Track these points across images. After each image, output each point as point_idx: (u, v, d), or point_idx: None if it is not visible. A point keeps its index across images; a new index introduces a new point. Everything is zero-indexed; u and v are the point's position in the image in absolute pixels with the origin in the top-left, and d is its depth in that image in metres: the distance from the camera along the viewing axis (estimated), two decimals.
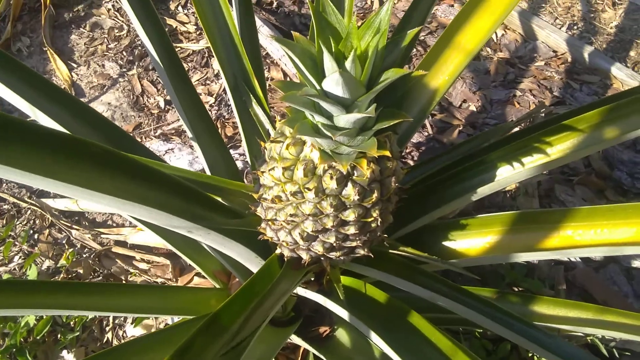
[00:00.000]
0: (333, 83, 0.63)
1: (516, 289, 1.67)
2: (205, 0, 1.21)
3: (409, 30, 1.27)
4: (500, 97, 2.29)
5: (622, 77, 2.30)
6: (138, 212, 0.83)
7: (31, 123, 0.66)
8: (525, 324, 0.92)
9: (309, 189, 0.82)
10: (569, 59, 2.46)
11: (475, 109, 2.25)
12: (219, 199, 1.10)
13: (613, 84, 2.33)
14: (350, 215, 0.85)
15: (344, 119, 0.70)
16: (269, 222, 0.97)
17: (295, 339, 1.30)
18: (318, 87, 0.68)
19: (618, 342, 1.46)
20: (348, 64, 0.64)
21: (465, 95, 2.29)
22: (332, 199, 0.83)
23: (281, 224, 0.94)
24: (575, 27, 2.65)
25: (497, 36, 2.60)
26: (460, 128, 2.18)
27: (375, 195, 0.84)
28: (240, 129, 1.25)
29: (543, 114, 2.08)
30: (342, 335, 1.30)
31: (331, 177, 0.80)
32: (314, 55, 0.69)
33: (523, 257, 1.05)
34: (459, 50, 1.16)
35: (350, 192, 0.82)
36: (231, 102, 1.24)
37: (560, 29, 2.60)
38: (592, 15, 2.70)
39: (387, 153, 0.75)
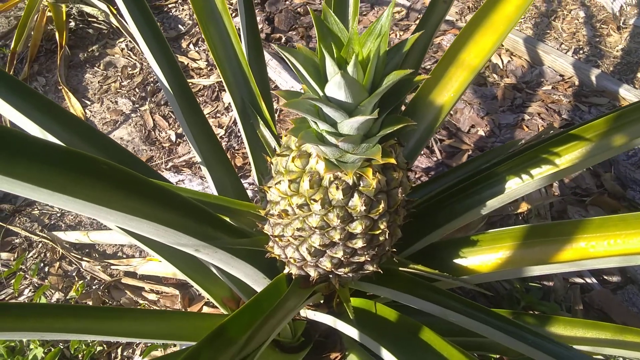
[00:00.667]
0: (335, 87, 0.64)
1: (533, 313, 1.62)
2: (214, 29, 1.24)
3: (417, 46, 1.30)
4: (509, 121, 2.29)
5: (631, 98, 2.29)
6: (145, 229, 0.83)
7: (46, 141, 0.68)
8: (540, 337, 0.89)
9: (315, 201, 0.82)
10: (576, 82, 2.46)
11: (484, 134, 2.25)
12: (227, 219, 1.10)
13: (622, 105, 2.32)
14: (357, 227, 0.84)
15: (347, 125, 0.70)
16: (276, 239, 0.96)
17: None
18: (321, 93, 0.69)
19: None
20: (350, 68, 0.65)
21: (473, 120, 2.30)
22: (339, 210, 0.82)
23: (288, 240, 0.93)
24: (581, 52, 2.67)
25: (503, 63, 2.63)
26: (469, 152, 2.17)
27: (382, 206, 0.83)
28: (247, 150, 1.26)
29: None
30: None
31: (337, 188, 0.80)
32: (317, 63, 0.69)
33: (536, 271, 1.03)
34: (463, 68, 1.17)
35: (357, 203, 0.81)
36: (239, 124, 1.26)
37: (566, 53, 2.62)
38: (598, 39, 2.72)
39: (392, 160, 0.75)
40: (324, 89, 0.67)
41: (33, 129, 1.06)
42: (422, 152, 2.19)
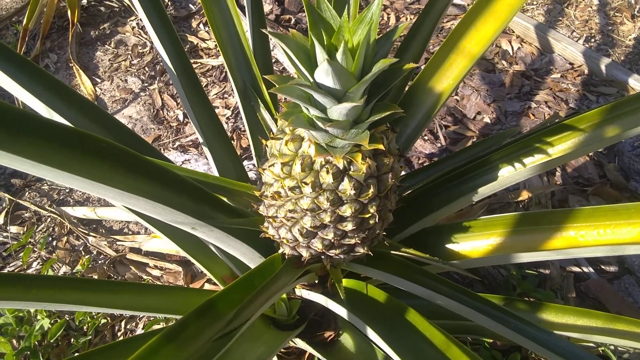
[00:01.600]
0: (324, 73, 0.66)
1: (528, 299, 1.64)
2: (217, 9, 1.25)
3: (417, 41, 1.30)
4: (515, 109, 2.28)
5: None
6: (143, 206, 0.85)
7: (48, 119, 0.70)
8: (523, 322, 0.91)
9: (306, 184, 0.84)
10: (586, 71, 2.44)
11: (489, 121, 2.25)
12: (225, 200, 1.13)
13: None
14: (347, 210, 0.87)
15: (336, 111, 0.72)
16: (270, 220, 0.99)
17: (300, 343, 1.31)
18: (311, 80, 0.71)
19: (632, 354, 1.42)
20: (339, 55, 0.66)
21: (479, 107, 2.29)
22: (329, 194, 0.84)
23: (281, 221, 0.96)
24: (592, 40, 2.64)
25: (512, 49, 2.61)
26: (474, 139, 2.18)
27: (371, 190, 0.85)
28: (247, 132, 1.28)
29: None
30: (346, 340, 1.30)
31: (327, 172, 0.82)
32: (308, 49, 0.71)
33: (525, 258, 1.04)
34: (464, 55, 1.17)
35: (347, 187, 0.83)
36: (240, 106, 1.28)
37: (577, 41, 2.59)
38: (610, 27, 2.68)
39: (380, 146, 0.77)
40: (313, 75, 0.69)
41: (39, 107, 1.09)
42: (426, 138, 2.20)
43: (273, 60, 2.70)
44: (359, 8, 1.26)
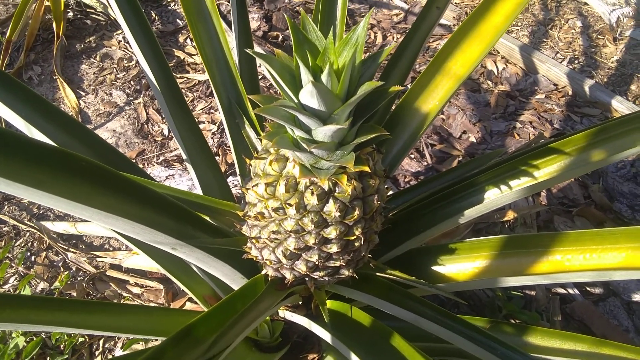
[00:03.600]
0: (309, 95, 0.64)
1: (513, 321, 1.63)
2: (202, 26, 1.24)
3: (404, 61, 1.30)
4: (500, 128, 2.30)
5: (623, 110, 2.30)
6: (121, 226, 0.83)
7: (21, 134, 0.68)
8: (510, 349, 0.90)
9: (290, 205, 0.82)
10: (570, 92, 2.47)
11: (475, 140, 2.26)
12: (207, 219, 1.10)
13: (614, 117, 2.32)
14: (332, 232, 0.85)
15: (321, 132, 0.71)
16: (254, 240, 0.97)
17: None
18: (296, 101, 0.69)
19: None
20: (324, 77, 0.65)
21: (465, 126, 2.30)
22: (314, 215, 0.83)
23: (265, 242, 0.94)
24: (576, 62, 2.68)
25: (498, 69, 2.63)
26: (459, 158, 2.18)
27: (357, 212, 0.84)
28: (232, 150, 1.27)
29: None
30: None
31: (312, 193, 0.81)
32: (293, 70, 0.70)
33: (512, 282, 1.03)
34: (450, 76, 1.17)
35: (332, 209, 0.82)
36: (224, 124, 1.26)
37: (561, 62, 2.63)
38: (593, 49, 2.73)
39: (366, 168, 0.75)
40: (298, 97, 0.68)
41: (17, 121, 1.06)
42: (412, 157, 2.20)
43: (260, 77, 2.69)
44: (345, 26, 1.26)
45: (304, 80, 0.67)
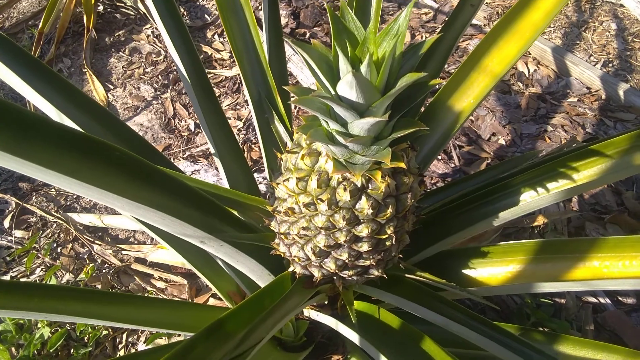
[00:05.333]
0: (347, 86, 0.62)
1: (542, 329, 1.58)
2: (234, 19, 1.23)
3: (436, 58, 1.27)
4: (531, 131, 2.24)
5: None
6: (151, 217, 0.82)
7: (59, 123, 0.67)
8: (545, 356, 0.86)
9: (322, 201, 0.80)
10: (603, 96, 2.40)
11: (504, 143, 2.21)
12: (235, 213, 1.09)
13: None
14: (363, 230, 0.83)
15: (358, 126, 0.69)
16: (282, 236, 0.95)
17: None
18: (332, 92, 0.67)
19: None
20: (363, 68, 0.63)
21: (494, 128, 2.26)
22: (345, 212, 0.81)
23: (294, 238, 0.92)
24: (610, 65, 2.61)
25: (529, 71, 2.58)
26: (488, 161, 2.14)
27: (390, 210, 0.82)
28: (260, 144, 1.25)
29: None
30: None
31: (345, 189, 0.79)
32: (330, 61, 0.68)
33: (547, 288, 1.00)
34: (486, 74, 1.14)
35: (364, 206, 0.80)
36: (253, 118, 1.25)
37: (594, 65, 2.56)
38: (628, 53, 2.65)
39: (402, 164, 0.73)
40: (335, 88, 0.66)
41: (50, 111, 1.07)
42: (439, 158, 2.16)
43: (287, 74, 2.69)
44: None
45: (342, 70, 0.65)
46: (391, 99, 0.65)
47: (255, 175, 2.16)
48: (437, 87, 2.32)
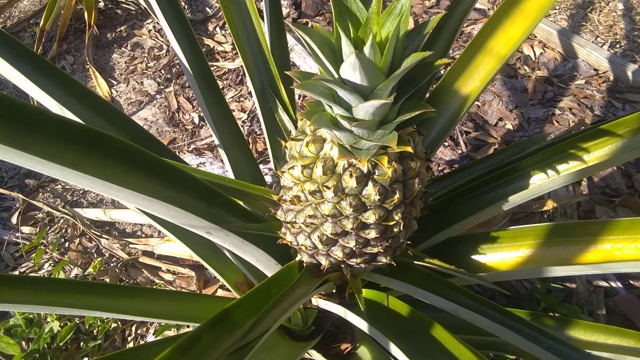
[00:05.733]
0: (350, 68, 0.61)
1: (553, 315, 1.57)
2: (234, 8, 1.22)
3: (444, 33, 1.25)
4: (539, 115, 2.22)
5: None
6: (157, 208, 0.82)
7: (61, 116, 0.67)
8: (556, 341, 0.85)
9: (327, 188, 0.79)
10: (611, 78, 2.37)
11: (512, 127, 2.19)
12: (241, 203, 1.08)
13: None
14: (370, 217, 0.82)
15: (362, 109, 0.67)
16: (289, 225, 0.94)
17: (315, 355, 1.25)
18: (336, 75, 0.66)
19: None
20: (367, 49, 0.62)
21: (501, 113, 2.23)
22: (352, 199, 0.80)
23: (300, 227, 0.91)
24: (617, 46, 2.57)
25: (535, 54, 2.54)
26: (495, 146, 2.11)
27: (397, 196, 0.80)
28: (265, 134, 1.24)
29: None
30: (364, 353, 1.24)
31: (351, 175, 0.77)
32: (333, 43, 0.67)
33: (558, 272, 0.98)
34: (491, 56, 1.12)
35: (371, 192, 0.78)
36: (257, 107, 1.24)
37: (601, 47, 2.52)
38: (636, 33, 2.61)
39: (409, 149, 0.72)
40: (338, 71, 0.64)
41: (53, 106, 1.06)
42: (446, 144, 2.14)
43: (290, 63, 2.67)
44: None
45: (345, 52, 0.63)
46: (396, 81, 0.64)
47: (261, 166, 2.15)
48: (442, 71, 2.29)
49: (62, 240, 1.92)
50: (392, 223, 0.84)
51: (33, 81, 1.04)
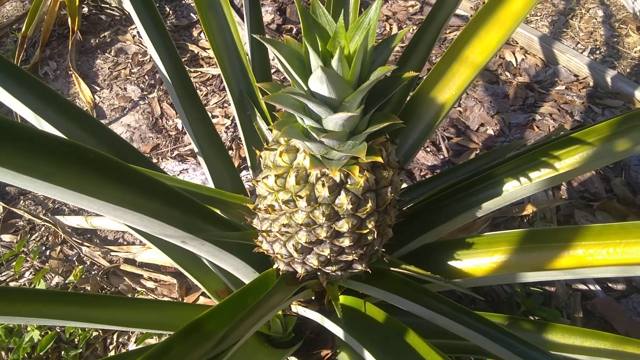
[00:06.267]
0: (317, 81, 0.62)
1: (533, 318, 1.59)
2: (213, 17, 1.22)
3: (420, 50, 1.26)
4: (519, 120, 2.24)
5: None
6: (130, 218, 0.82)
7: (32, 127, 0.67)
8: (528, 346, 0.87)
9: (301, 197, 0.80)
10: (591, 83, 2.41)
11: (493, 133, 2.21)
12: (218, 212, 1.09)
13: (637, 108, 2.26)
14: (344, 225, 0.82)
15: (332, 121, 0.68)
16: (264, 234, 0.95)
17: None
18: (305, 88, 0.67)
19: None
20: (334, 62, 0.63)
21: (482, 118, 2.25)
22: (325, 208, 0.80)
23: (275, 236, 0.92)
24: (597, 52, 2.61)
25: (516, 60, 2.57)
26: (477, 151, 2.14)
27: (369, 205, 0.81)
28: (243, 142, 1.25)
29: None
30: (343, 359, 1.25)
31: (323, 185, 0.78)
32: (302, 56, 0.67)
33: (531, 278, 1.00)
34: (467, 65, 1.14)
35: (344, 201, 0.79)
36: (235, 116, 1.24)
37: (582, 53, 2.56)
38: (615, 39, 2.65)
39: (379, 159, 0.73)
40: (307, 84, 0.65)
41: (28, 115, 1.06)
42: (428, 150, 2.16)
43: (273, 71, 2.67)
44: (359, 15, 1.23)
45: (314, 66, 0.64)
46: (364, 93, 0.65)
47: (244, 173, 2.15)
48: (420, 79, 2.31)
49: (43, 248, 1.91)
50: (365, 231, 0.85)
51: (8, 90, 1.03)
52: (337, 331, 1.00)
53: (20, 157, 0.64)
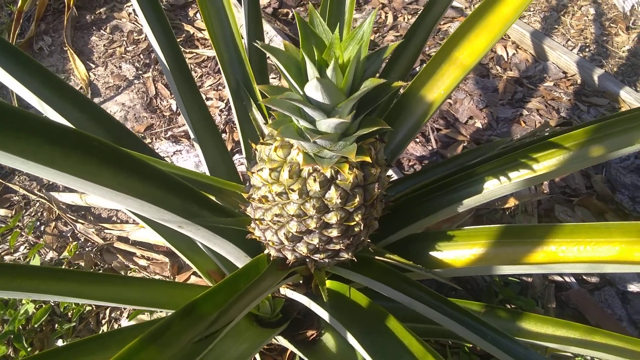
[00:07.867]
0: (313, 89, 0.67)
1: (509, 306, 1.67)
2: (211, 6, 1.25)
3: (419, 33, 1.30)
4: (507, 115, 2.30)
5: (631, 101, 2.30)
6: (130, 203, 0.86)
7: (34, 114, 0.70)
8: (499, 334, 0.94)
9: (293, 190, 0.85)
10: (579, 81, 2.47)
11: (481, 126, 2.27)
12: (213, 198, 1.14)
13: (621, 108, 2.33)
14: (332, 217, 0.88)
15: (325, 124, 0.73)
16: (257, 222, 1.00)
17: (282, 341, 1.32)
18: (301, 93, 0.72)
19: None
20: (329, 71, 0.67)
21: (471, 111, 2.31)
22: (315, 201, 0.86)
23: (268, 224, 0.97)
24: (587, 50, 2.66)
25: (507, 55, 2.62)
26: (465, 144, 2.20)
27: (357, 199, 0.87)
28: (239, 132, 1.29)
29: (547, 134, 2.08)
30: (328, 339, 1.32)
31: (315, 180, 0.83)
32: (299, 63, 0.72)
33: (507, 271, 1.06)
34: (456, 66, 1.19)
35: (333, 195, 0.85)
36: (232, 105, 1.28)
37: (571, 50, 2.61)
38: (605, 38, 2.71)
39: (367, 159, 0.78)
40: (304, 89, 0.70)
41: (30, 97, 1.09)
42: (417, 141, 2.21)
43: (267, 59, 2.69)
44: (356, 6, 1.27)
45: (310, 74, 0.69)
46: (355, 101, 0.70)
47: (237, 156, 2.19)
48: (413, 72, 2.36)
49: (38, 223, 1.95)
50: (353, 223, 0.91)
51: (7, 70, 1.06)
52: (323, 314, 1.06)
53: (25, 143, 0.68)
